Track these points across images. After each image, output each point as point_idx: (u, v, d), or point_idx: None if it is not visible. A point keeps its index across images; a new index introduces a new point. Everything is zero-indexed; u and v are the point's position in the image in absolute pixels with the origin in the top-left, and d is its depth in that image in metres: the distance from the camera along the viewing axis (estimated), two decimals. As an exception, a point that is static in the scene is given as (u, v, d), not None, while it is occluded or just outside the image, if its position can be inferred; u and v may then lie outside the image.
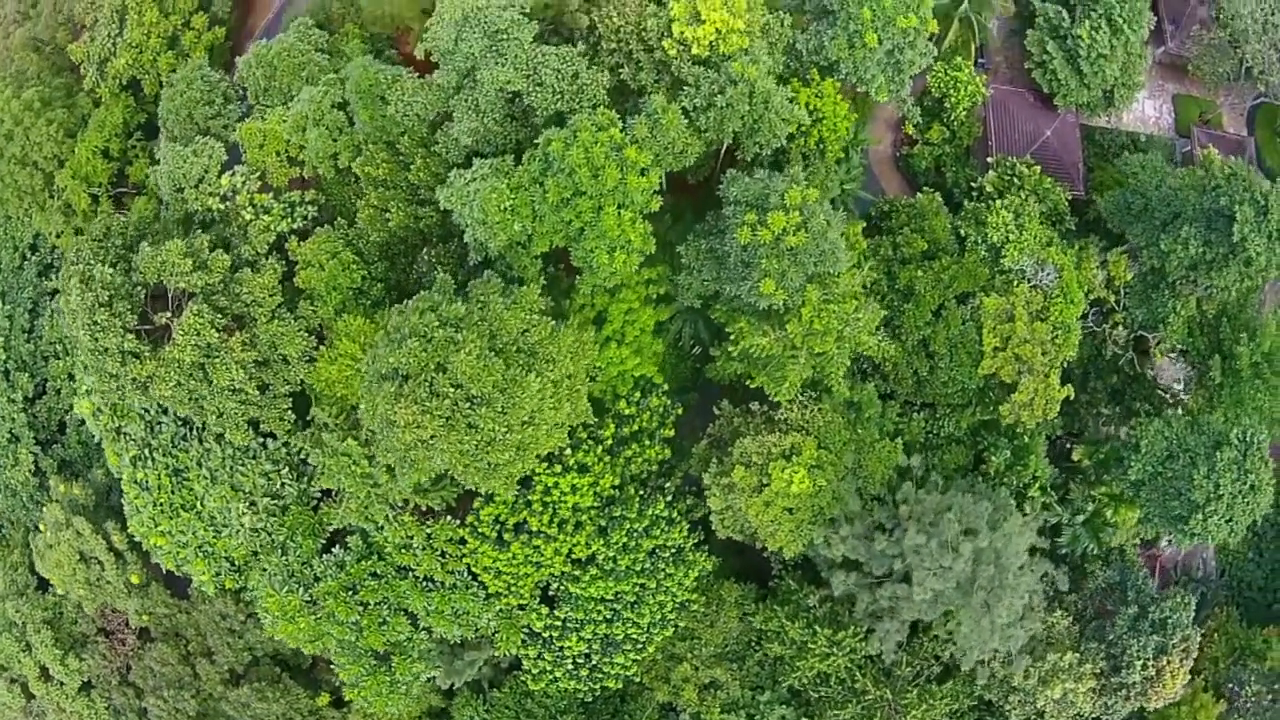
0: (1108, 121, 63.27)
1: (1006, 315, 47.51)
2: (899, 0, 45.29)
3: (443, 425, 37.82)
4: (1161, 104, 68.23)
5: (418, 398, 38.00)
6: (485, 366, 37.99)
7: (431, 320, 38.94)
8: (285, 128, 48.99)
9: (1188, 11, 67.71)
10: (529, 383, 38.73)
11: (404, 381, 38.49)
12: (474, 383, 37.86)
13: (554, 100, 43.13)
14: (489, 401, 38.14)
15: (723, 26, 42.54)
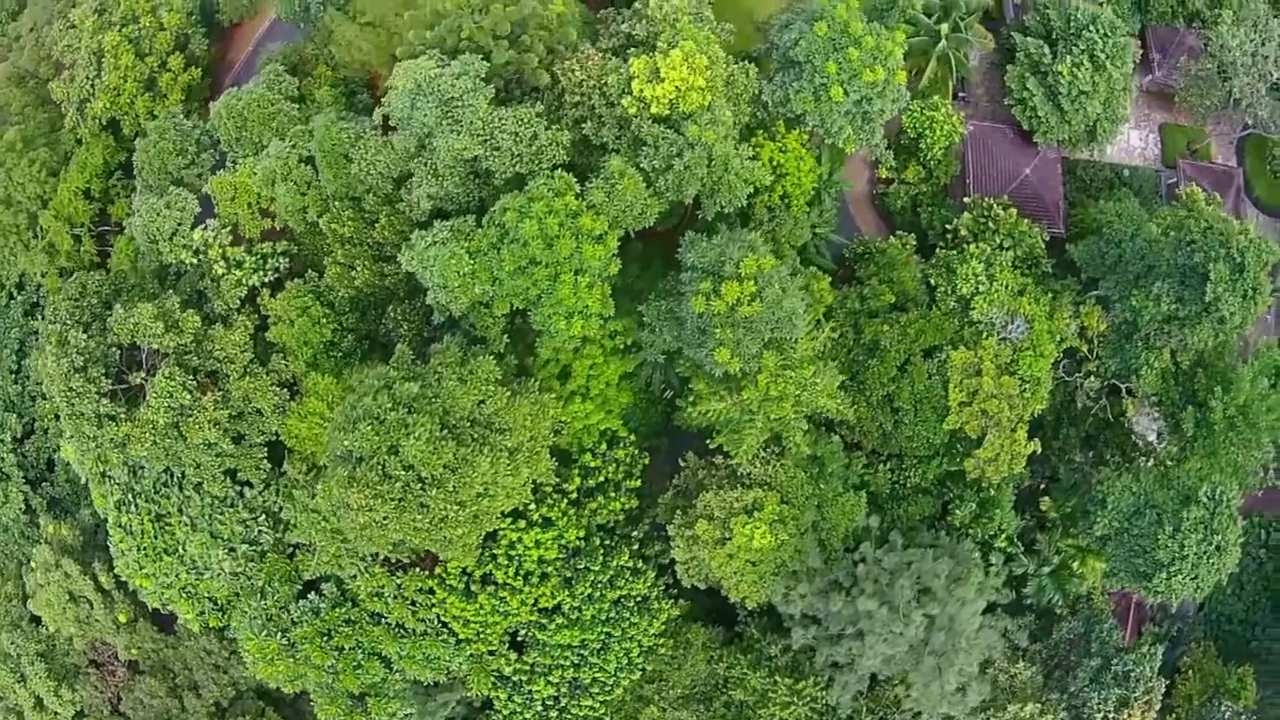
0: (1091, 155, 62.19)
1: (974, 369, 47.21)
2: (865, 53, 44.49)
3: (395, 507, 38.44)
4: (1148, 134, 66.86)
5: (370, 481, 38.67)
6: (435, 450, 38.47)
7: (385, 402, 39.40)
8: (255, 180, 49.30)
9: (1176, 40, 66.16)
10: (479, 462, 39.20)
11: (357, 464, 39.09)
12: (424, 465, 38.40)
13: (513, 163, 43.06)
14: (440, 482, 38.69)
15: (682, 84, 42.15)
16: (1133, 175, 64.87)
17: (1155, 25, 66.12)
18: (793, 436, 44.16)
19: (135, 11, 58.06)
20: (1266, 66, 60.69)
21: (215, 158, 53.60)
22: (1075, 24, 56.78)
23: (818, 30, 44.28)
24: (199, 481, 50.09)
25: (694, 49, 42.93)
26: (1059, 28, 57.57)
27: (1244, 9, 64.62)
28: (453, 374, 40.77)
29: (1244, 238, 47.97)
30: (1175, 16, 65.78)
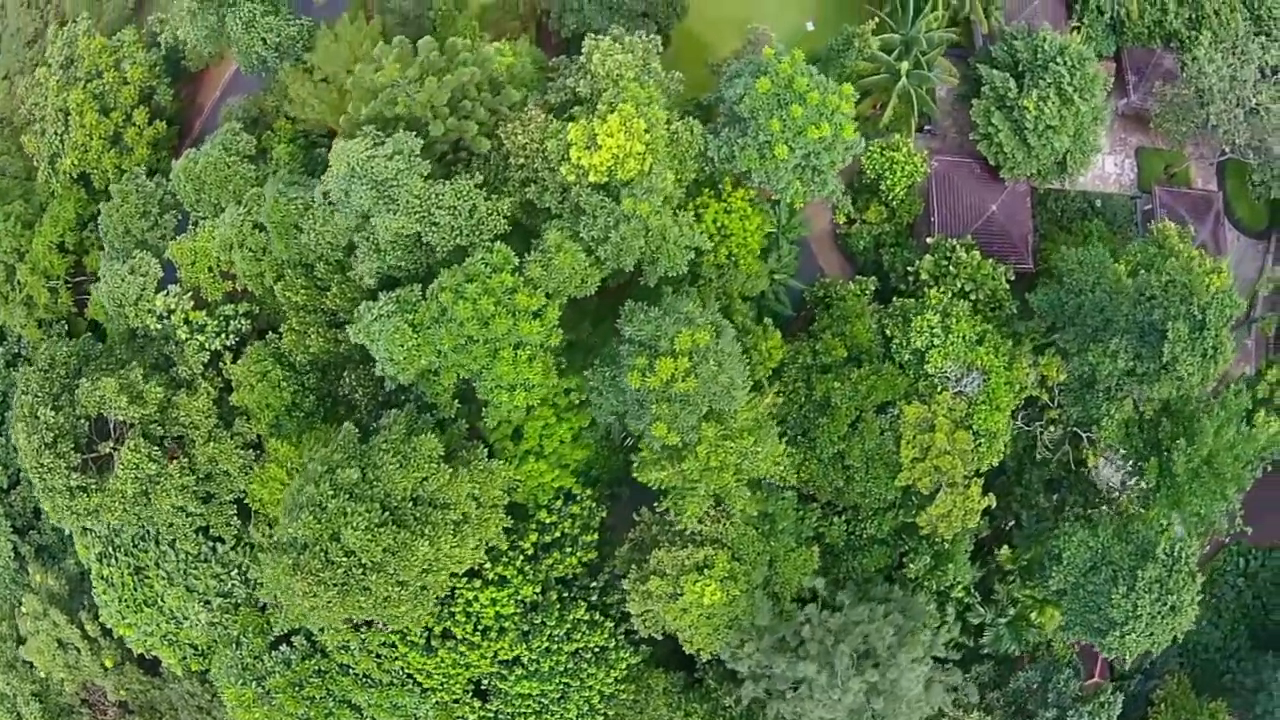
0: (1063, 185, 60.88)
1: (927, 425, 46.97)
2: (810, 110, 43.78)
3: (337, 593, 39.36)
4: (1123, 159, 65.28)
5: (312, 569, 39.59)
6: (373, 537, 39.27)
7: (326, 489, 40.16)
8: (214, 246, 49.95)
9: (1152, 62, 64.29)
10: (418, 546, 39.95)
11: (301, 551, 39.99)
12: (364, 552, 39.24)
13: (453, 236, 43.25)
14: (380, 567, 39.51)
15: (619, 152, 41.89)
16: (1107, 203, 63.53)
17: (1131, 47, 64.22)
18: (737, 502, 44.38)
19: (99, 67, 58.65)
20: (1244, 91, 58.83)
21: (178, 218, 54.33)
22: (1042, 55, 55.27)
23: (760, 86, 43.61)
24: (173, 539, 51.52)
25: (632, 113, 42.60)
26: (1025, 59, 56.12)
27: (1224, 29, 62.69)
28: (393, 458, 41.41)
29: (1207, 291, 46.22)
30: (1152, 38, 63.83)
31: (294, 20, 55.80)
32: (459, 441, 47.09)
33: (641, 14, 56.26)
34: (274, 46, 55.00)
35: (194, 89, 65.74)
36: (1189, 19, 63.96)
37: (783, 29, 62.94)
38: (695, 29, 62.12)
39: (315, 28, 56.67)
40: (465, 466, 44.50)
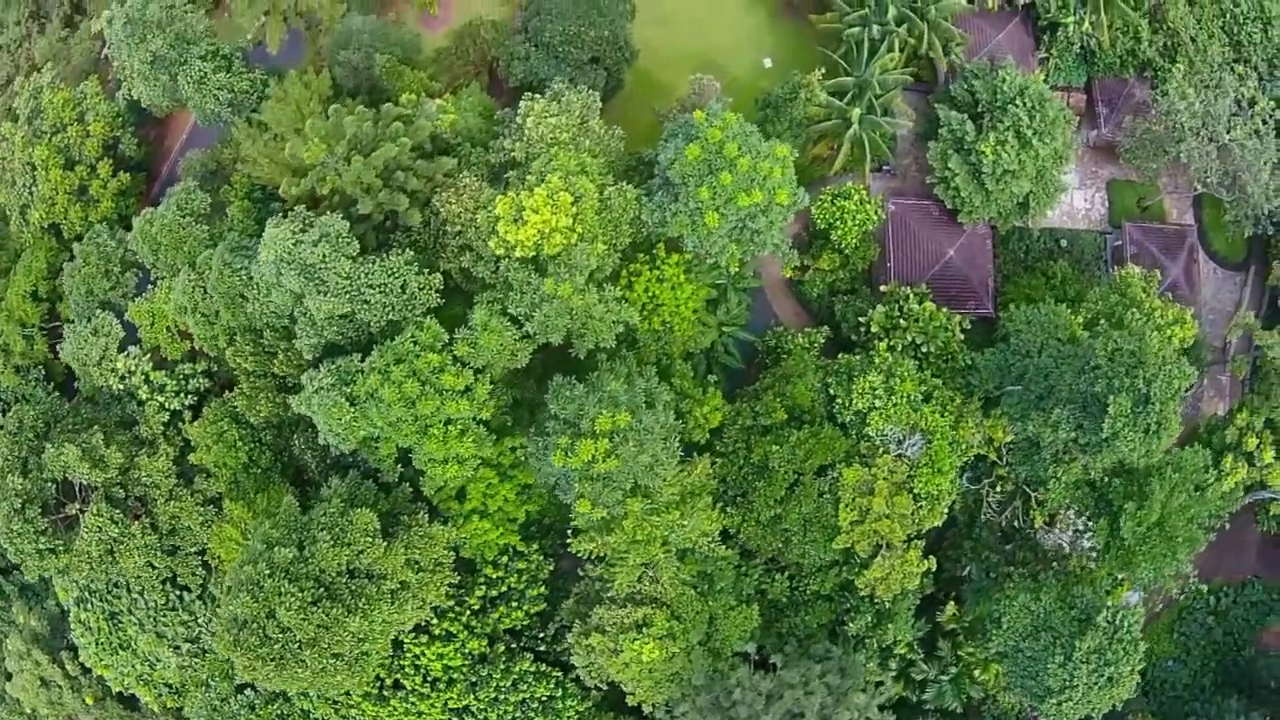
0: (1026, 224, 59.71)
1: (867, 488, 47.09)
2: (742, 176, 43.43)
3: (275, 667, 40.95)
4: (1094, 193, 63.79)
5: (250, 645, 41.19)
6: (305, 616, 40.65)
7: (263, 569, 41.60)
8: (170, 308, 51.21)
9: (1124, 92, 62.54)
10: (349, 622, 41.28)
11: (240, 628, 41.58)
12: (298, 629, 40.67)
13: (385, 313, 43.96)
14: (314, 642, 40.96)
15: (544, 227, 42.14)
16: (1074, 241, 62.14)
17: (1102, 78, 62.48)
18: (664, 573, 45.07)
19: (62, 120, 59.79)
20: (1217, 127, 57.02)
21: (139, 276, 55.59)
22: (1001, 96, 53.97)
23: (689, 153, 43.32)
24: (141, 589, 53.64)
25: (558, 186, 42.72)
26: (985, 100, 54.97)
27: (1200, 57, 60.70)
28: (328, 536, 42.65)
29: (1157, 360, 44.42)
30: (1124, 67, 61.99)
31: (246, 74, 56.39)
32: (403, 504, 48.29)
33: (591, 60, 55.99)
34: (227, 102, 55.68)
35: (162, 131, 66.75)
36: (1164, 47, 62.00)
37: (741, 65, 62.49)
38: (650, 68, 61.65)
39: (269, 79, 57.27)
40: (405, 532, 45.69)
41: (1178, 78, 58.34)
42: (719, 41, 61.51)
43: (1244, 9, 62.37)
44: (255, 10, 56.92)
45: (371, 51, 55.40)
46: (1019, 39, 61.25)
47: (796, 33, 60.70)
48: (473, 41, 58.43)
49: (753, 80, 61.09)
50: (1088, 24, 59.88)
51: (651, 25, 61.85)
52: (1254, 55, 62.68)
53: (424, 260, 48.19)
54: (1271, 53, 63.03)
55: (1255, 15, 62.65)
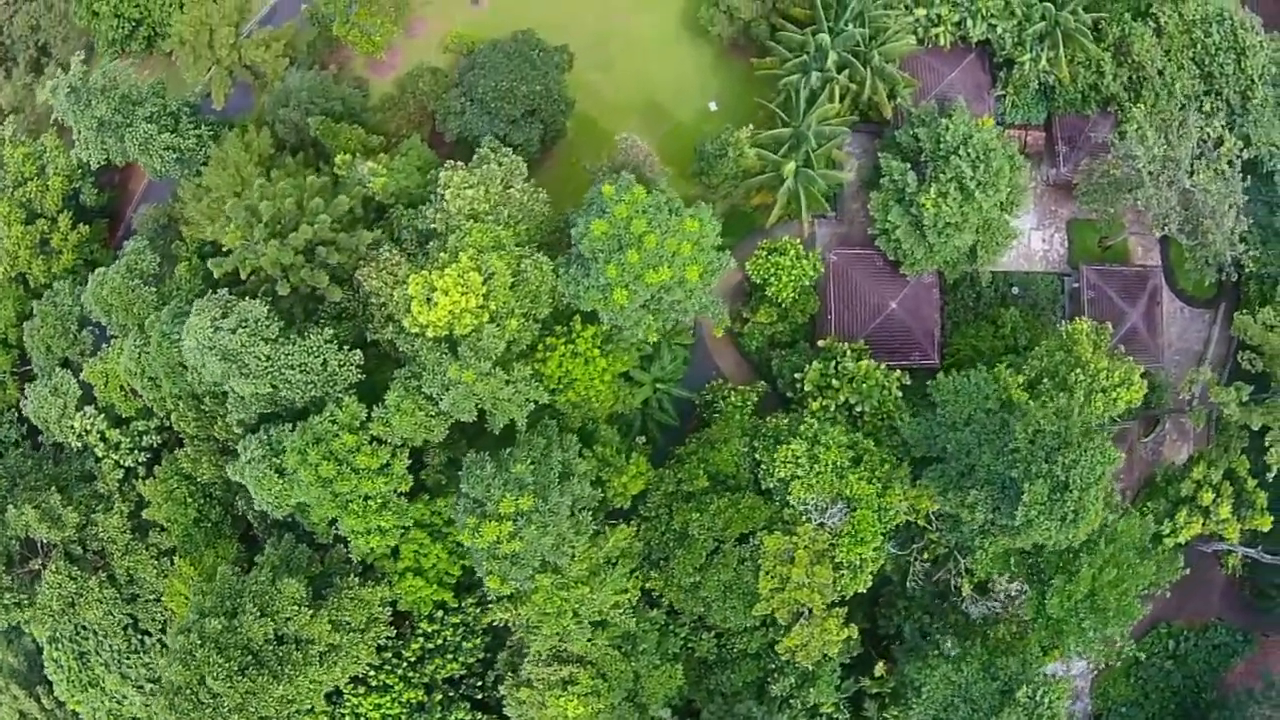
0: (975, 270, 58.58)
1: (787, 556, 47.51)
2: (649, 253, 43.34)
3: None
4: (1053, 233, 62.25)
5: (184, 710, 43.48)
6: (232, 684, 42.75)
7: (195, 640, 43.69)
8: (122, 370, 53.17)
9: (1086, 129, 60.61)
10: (273, 689, 43.23)
11: (175, 694, 43.86)
12: (227, 695, 42.79)
13: (307, 390, 45.23)
14: (242, 707, 43.07)
15: (455, 308, 42.82)
16: (1029, 284, 60.85)
17: (1062, 115, 60.58)
18: (575, 644, 46.17)
19: (24, 174, 61.67)
20: (1178, 172, 54.96)
21: (96, 332, 57.59)
22: (944, 145, 52.77)
23: (596, 229, 43.44)
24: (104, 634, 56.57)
25: (469, 265, 43.25)
26: (928, 149, 53.80)
27: (1166, 92, 58.45)
28: (254, 607, 44.56)
29: (1081, 444, 43.16)
30: (1086, 103, 59.96)
31: (193, 130, 57.50)
32: (337, 565, 50.08)
33: (526, 114, 55.96)
34: (174, 160, 56.94)
35: (126, 175, 68.51)
36: (1129, 80, 59.76)
37: (685, 110, 61.97)
38: (594, 114, 61.48)
39: (220, 128, 58.32)
40: (336, 595, 47.50)
41: (1139, 117, 56.33)
42: (663, 85, 61.00)
43: (1216, 39, 59.72)
44: (200, 66, 57.85)
45: (311, 109, 56.14)
46: (974, 76, 59.63)
47: (743, 74, 59.85)
48: (412, 94, 58.82)
49: (697, 125, 60.52)
50: (1045, 61, 58.03)
51: (595, 70, 61.60)
52: (1225, 87, 60.13)
53: (352, 328, 49.33)
54: (1245, 84, 60.38)
55: (1228, 45, 59.93)
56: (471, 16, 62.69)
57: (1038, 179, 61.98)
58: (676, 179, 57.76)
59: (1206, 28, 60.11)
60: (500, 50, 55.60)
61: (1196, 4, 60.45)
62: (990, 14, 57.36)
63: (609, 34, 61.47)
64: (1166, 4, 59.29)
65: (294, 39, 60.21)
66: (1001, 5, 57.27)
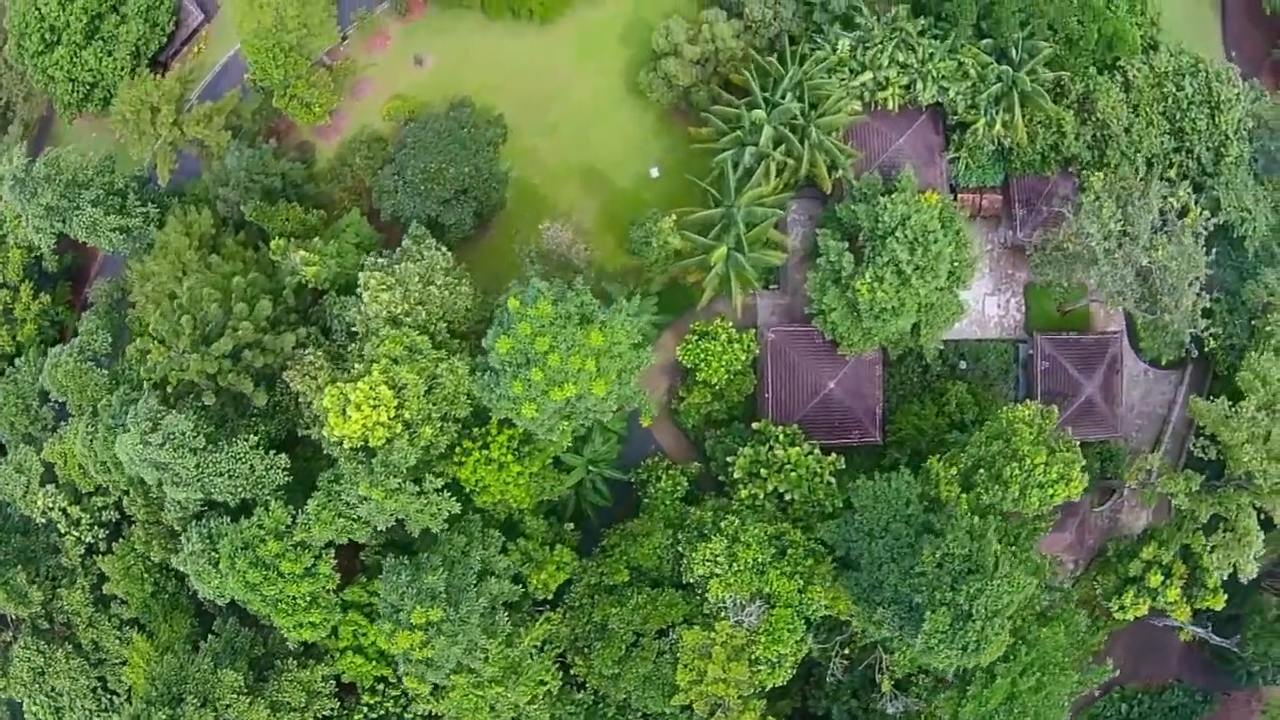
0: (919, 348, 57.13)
1: (704, 651, 48.57)
2: (554, 371, 43.69)
3: None
4: (1009, 298, 60.68)
5: None
6: None
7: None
8: (78, 452, 55.76)
9: (1045, 191, 58.44)
10: None
11: None
12: None
13: (237, 493, 47.16)
14: None
15: (367, 422, 44.01)
16: (980, 355, 59.49)
17: (1020, 176, 58.25)
18: None
19: (-14, 245, 63.89)
20: (1134, 248, 52.55)
21: (56, 408, 60.22)
22: (882, 226, 51.33)
23: (501, 346, 44.08)
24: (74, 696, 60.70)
25: (380, 379, 44.27)
26: (867, 227, 52.36)
27: (1132, 151, 55.73)
28: (195, 698, 47.46)
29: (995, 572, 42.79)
30: (1046, 164, 57.55)
31: (139, 209, 58.67)
32: (278, 646, 52.74)
33: (460, 193, 55.85)
34: (122, 240, 58.36)
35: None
36: (1093, 139, 56.99)
37: (626, 176, 61.34)
38: (535, 180, 61.26)
39: (164, 209, 59.44)
40: (277, 678, 50.26)
41: (1096, 187, 54.01)
42: (605, 150, 60.38)
43: (1188, 92, 56.64)
44: (144, 143, 58.81)
45: (250, 187, 56.84)
46: (925, 139, 57.62)
47: (686, 139, 58.91)
48: (349, 167, 59.01)
49: (638, 192, 60.06)
50: (999, 126, 55.59)
51: (536, 134, 61.17)
52: (1197, 144, 57.18)
53: (285, 422, 50.85)
54: (1218, 140, 57.29)
55: (1202, 99, 56.87)
56: (414, 78, 62.40)
57: (994, 241, 60.29)
58: (615, 250, 57.68)
59: (1179, 80, 57.16)
60: (430, 129, 55.49)
61: (1168, 56, 57.26)
62: (941, 76, 55.08)
63: (550, 96, 60.81)
64: (1136, 57, 56.07)
65: (238, 107, 60.63)
66: (954, 67, 54.94)
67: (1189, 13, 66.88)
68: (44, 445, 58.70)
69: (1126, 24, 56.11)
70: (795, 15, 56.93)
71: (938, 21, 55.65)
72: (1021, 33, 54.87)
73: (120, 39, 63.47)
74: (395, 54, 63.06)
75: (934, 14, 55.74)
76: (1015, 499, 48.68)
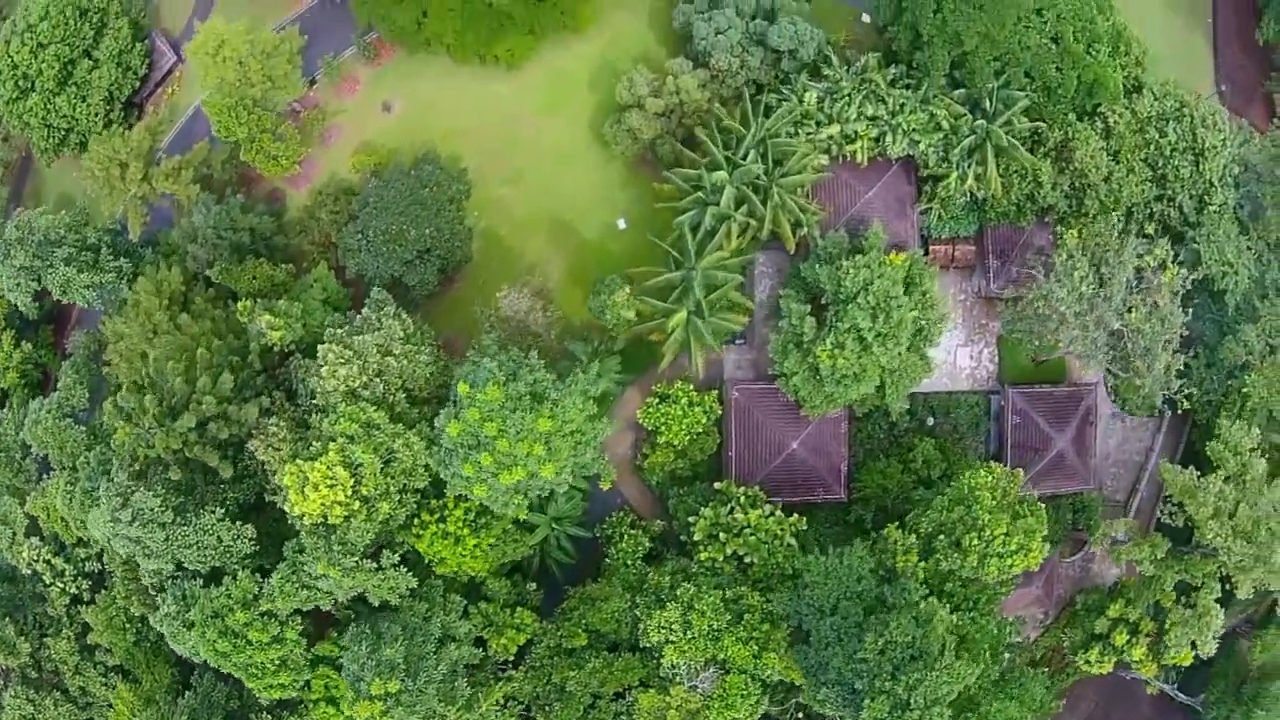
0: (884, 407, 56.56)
1: (660, 714, 49.56)
2: (503, 455, 44.17)
3: None
4: (982, 349, 60.00)
5: None
6: None
7: None
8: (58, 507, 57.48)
9: (1021, 242, 57.06)
10: None
11: None
12: None
13: (207, 561, 48.70)
14: None
15: (326, 501, 44.97)
16: (952, 405, 58.80)
17: (995, 226, 56.90)
18: None
19: (-33, 300, 65.12)
20: (1105, 312, 51.25)
21: (39, 461, 61.84)
22: (844, 291, 50.48)
23: (451, 430, 44.80)
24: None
25: (335, 460, 45.12)
26: (830, 290, 51.60)
27: (1111, 199, 54.00)
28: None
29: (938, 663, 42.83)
30: (1022, 214, 56.16)
31: (111, 264, 59.44)
32: (254, 699, 54.59)
33: (423, 253, 55.77)
34: (95, 296, 59.23)
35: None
36: (1070, 188, 55.38)
37: (593, 227, 61.08)
38: (502, 231, 61.29)
39: (137, 263, 60.12)
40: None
41: (1070, 245, 52.67)
42: (572, 200, 60.04)
43: (1172, 139, 54.79)
44: (114, 199, 59.38)
45: (218, 244, 57.25)
46: (896, 189, 56.67)
47: (652, 192, 57.90)
48: (316, 221, 59.08)
49: (604, 243, 59.81)
50: (971, 180, 54.23)
51: (502, 184, 60.98)
52: (1179, 192, 55.46)
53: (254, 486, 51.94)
54: (1202, 188, 55.42)
55: (1186, 146, 55.01)
56: (383, 124, 62.28)
57: (967, 291, 59.44)
58: (581, 304, 57.49)
59: (1162, 126, 55.53)
60: (393, 188, 55.51)
61: (1151, 100, 55.32)
62: (912, 129, 53.69)
63: (517, 144, 60.49)
64: (1118, 102, 54.14)
65: (208, 157, 60.84)
66: (925, 119, 53.53)
67: (1179, 44, 64.87)
68: (27, 498, 60.59)
69: (1108, 69, 54.27)
70: (764, 63, 55.79)
71: (910, 70, 54.18)
72: (996, 82, 53.27)
73: (93, 84, 63.99)
74: (364, 99, 62.88)
75: (906, 62, 54.28)
76: (974, 566, 48.69)
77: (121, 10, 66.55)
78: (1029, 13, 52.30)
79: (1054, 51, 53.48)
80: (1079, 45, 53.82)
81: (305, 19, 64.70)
